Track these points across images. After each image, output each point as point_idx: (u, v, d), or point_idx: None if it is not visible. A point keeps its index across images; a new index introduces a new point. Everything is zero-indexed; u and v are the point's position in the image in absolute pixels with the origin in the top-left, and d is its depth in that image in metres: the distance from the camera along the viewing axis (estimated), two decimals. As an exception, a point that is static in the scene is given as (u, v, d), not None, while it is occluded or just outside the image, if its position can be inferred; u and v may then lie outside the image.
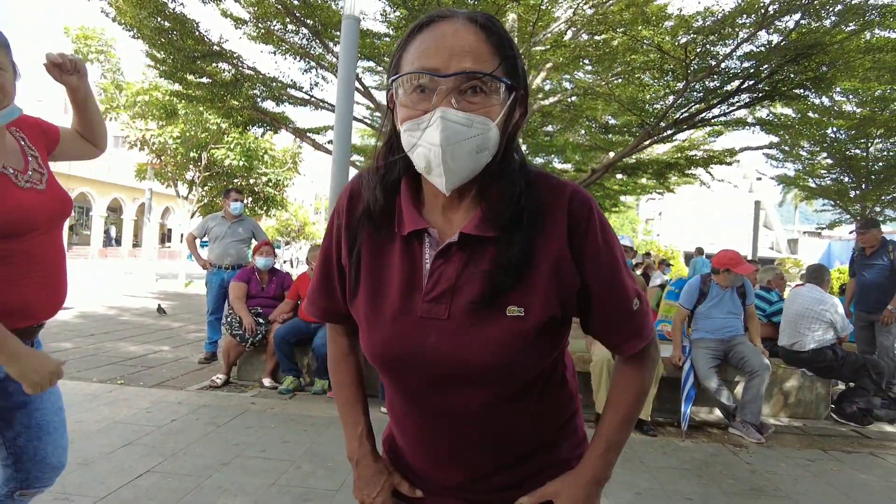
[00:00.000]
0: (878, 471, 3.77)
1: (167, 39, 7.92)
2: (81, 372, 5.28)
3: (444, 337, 0.85)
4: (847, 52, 7.10)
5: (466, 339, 0.84)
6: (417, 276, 0.88)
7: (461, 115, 0.78)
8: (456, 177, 0.82)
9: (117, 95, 15.60)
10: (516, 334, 0.84)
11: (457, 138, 0.78)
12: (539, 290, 0.85)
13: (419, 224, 0.87)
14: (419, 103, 0.81)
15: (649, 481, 3.35)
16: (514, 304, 0.84)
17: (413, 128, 0.81)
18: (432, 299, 0.86)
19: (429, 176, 0.84)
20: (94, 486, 2.82)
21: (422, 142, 0.80)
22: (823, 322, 4.89)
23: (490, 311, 0.84)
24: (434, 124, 0.78)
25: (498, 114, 0.81)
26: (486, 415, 0.91)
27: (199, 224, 6.25)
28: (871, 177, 13.27)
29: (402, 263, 0.89)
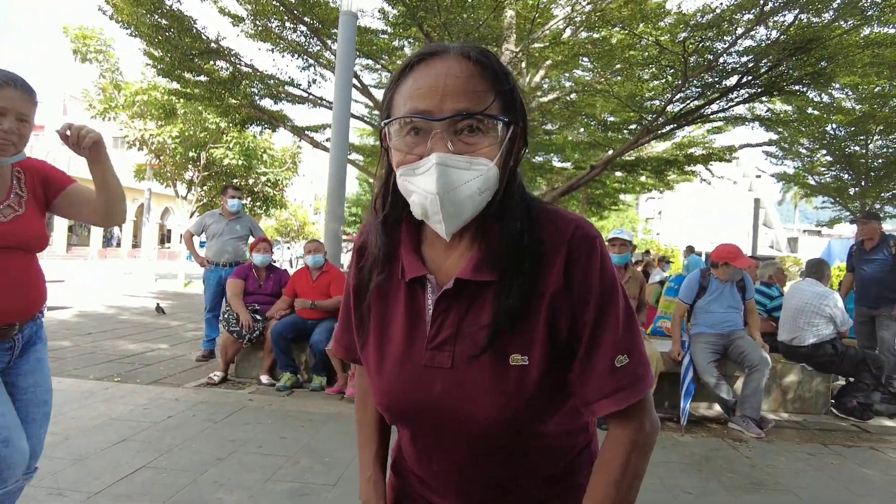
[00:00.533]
0: (879, 465, 3.75)
1: (164, 37, 7.91)
2: (78, 369, 5.26)
3: (448, 387, 0.82)
4: (846, 47, 7.08)
5: (471, 390, 0.81)
6: (421, 322, 0.85)
7: (459, 159, 0.75)
8: (456, 221, 0.78)
9: (116, 95, 15.56)
10: (521, 385, 0.80)
11: (455, 184, 0.75)
12: (540, 336, 0.80)
13: (419, 271, 0.85)
14: (414, 147, 0.78)
15: (648, 476, 3.30)
16: (517, 352, 0.80)
17: (408, 173, 0.78)
18: (435, 347, 0.83)
19: (428, 222, 0.82)
20: (89, 482, 2.80)
21: (417, 188, 0.77)
22: (823, 316, 4.86)
23: (493, 361, 0.80)
24: (430, 171, 0.75)
25: (497, 152, 0.77)
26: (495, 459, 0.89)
27: (196, 221, 6.22)
28: (870, 174, 13.25)
29: (406, 311, 0.87)
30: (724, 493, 3.13)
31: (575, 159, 14.48)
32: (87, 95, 16.00)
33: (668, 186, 15.09)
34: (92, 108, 15.86)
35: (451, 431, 0.85)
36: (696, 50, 7.11)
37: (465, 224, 0.80)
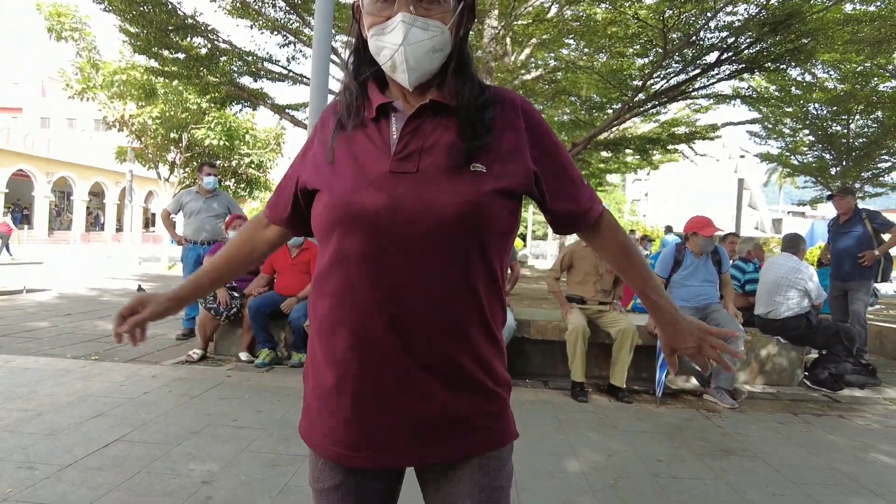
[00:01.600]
0: (846, 431, 3.84)
1: (139, 12, 7.73)
2: (55, 349, 5.22)
3: (412, 187, 0.91)
4: (826, 23, 7.08)
5: (433, 188, 0.91)
6: (386, 144, 0.95)
7: (418, 20, 0.91)
8: (416, 73, 0.94)
9: (94, 75, 15.26)
10: (477, 186, 0.92)
11: (415, 39, 0.91)
12: (498, 157, 0.95)
13: (385, 100, 0.97)
14: (382, 10, 0.93)
15: (622, 444, 3.38)
16: (476, 162, 0.93)
17: (379, 33, 0.94)
18: (402, 158, 0.93)
19: (394, 74, 0.95)
20: (60, 455, 2.79)
21: (387, 44, 0.93)
22: (798, 290, 4.93)
23: (454, 168, 0.92)
24: (396, 28, 0.91)
25: (450, 19, 0.94)
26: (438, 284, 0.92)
27: (173, 200, 6.15)
28: (851, 153, 13.38)
29: (371, 138, 0.97)
30: (694, 460, 3.18)
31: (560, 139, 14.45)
32: (64, 75, 15.68)
33: (654, 166, 15.15)
34: (69, 87, 15.56)
35: (405, 233, 0.90)
36: (675, 25, 7.08)
37: (425, 78, 0.96)
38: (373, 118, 0.98)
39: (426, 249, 0.91)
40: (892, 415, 4.33)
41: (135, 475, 2.61)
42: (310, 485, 1.06)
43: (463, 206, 0.90)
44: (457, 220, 0.90)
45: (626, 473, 2.93)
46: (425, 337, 0.93)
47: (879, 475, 3.07)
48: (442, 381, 0.94)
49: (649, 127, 13.18)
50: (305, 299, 4.89)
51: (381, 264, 0.91)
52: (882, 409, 4.50)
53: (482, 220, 0.92)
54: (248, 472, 2.72)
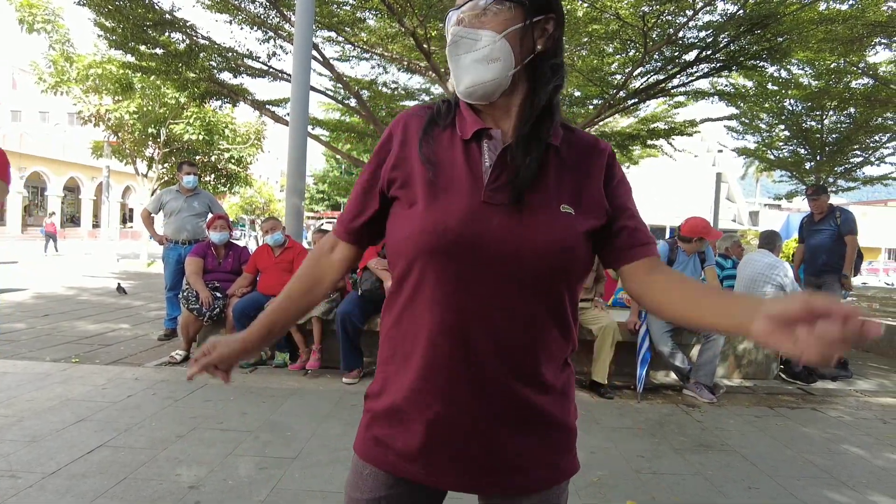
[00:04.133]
0: (819, 424, 3.96)
1: (115, 6, 7.58)
2: (34, 352, 5.14)
3: (506, 220, 0.91)
4: (800, 22, 7.22)
5: (527, 222, 0.91)
6: (479, 171, 0.94)
7: (467, 31, 0.95)
8: (466, 81, 0.95)
9: (68, 68, 14.91)
10: (568, 227, 0.93)
11: (464, 49, 0.95)
12: (584, 201, 0.97)
13: (481, 125, 0.97)
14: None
15: (603, 441, 3.45)
16: (565, 203, 0.95)
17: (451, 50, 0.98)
18: (495, 189, 0.92)
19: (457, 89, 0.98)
20: (43, 463, 2.77)
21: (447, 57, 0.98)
22: (774, 285, 5.06)
23: (546, 205, 0.93)
24: (450, 42, 0.97)
25: (504, 28, 0.94)
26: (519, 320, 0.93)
27: (153, 199, 6.07)
28: (825, 148, 13.63)
29: (464, 161, 0.96)
30: (674, 455, 3.26)
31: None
32: (36, 68, 15.30)
33: (633, 161, 15.27)
34: (42, 81, 15.20)
35: (493, 267, 0.90)
36: (655, 24, 7.16)
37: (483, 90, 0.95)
38: (465, 140, 0.97)
39: (512, 285, 0.91)
40: (862, 406, 4.47)
41: (121, 481, 2.61)
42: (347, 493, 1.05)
43: (557, 246, 0.91)
44: (550, 260, 0.91)
45: (609, 470, 3.00)
46: (502, 372, 0.93)
47: (850, 466, 3.19)
48: (514, 417, 0.95)
49: (629, 122, 13.28)
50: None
51: (463, 295, 0.91)
52: (853, 401, 4.64)
53: (572, 262, 0.94)
54: (236, 475, 2.73)
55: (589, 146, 1.03)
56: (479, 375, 0.92)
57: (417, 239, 0.91)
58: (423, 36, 8.11)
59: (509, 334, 0.92)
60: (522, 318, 0.92)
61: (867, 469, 3.16)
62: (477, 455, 0.95)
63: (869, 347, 6.96)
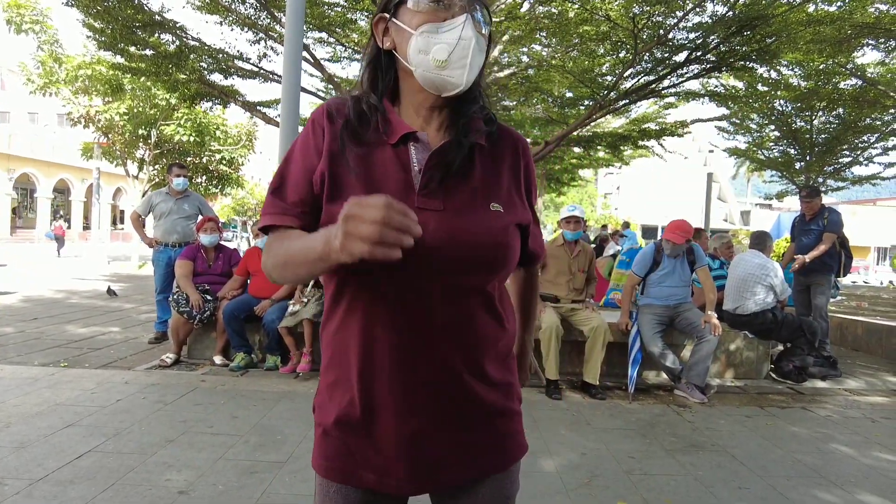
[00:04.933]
0: (808, 423, 3.99)
1: (104, 7, 7.53)
2: (22, 356, 5.09)
3: (441, 224, 0.91)
4: (789, 24, 7.27)
5: (461, 223, 0.93)
6: (409, 176, 0.94)
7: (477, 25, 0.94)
8: (472, 72, 0.94)
9: (56, 69, 14.80)
10: (499, 224, 0.96)
11: (475, 35, 0.93)
12: (511, 195, 1.01)
13: (408, 128, 0.96)
14: (438, 13, 0.93)
15: (595, 442, 3.46)
16: (495, 202, 0.97)
17: (432, 30, 0.92)
18: (427, 194, 0.93)
19: (442, 71, 0.92)
20: (31, 469, 2.74)
21: (444, 41, 0.91)
22: (764, 286, 5.09)
23: (478, 206, 0.96)
24: (464, 24, 0.92)
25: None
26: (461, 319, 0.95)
27: (143, 201, 6.03)
28: (814, 148, 13.75)
29: (392, 166, 0.95)
30: (665, 456, 3.28)
31: (534, 135, 14.54)
32: (24, 69, 15.18)
33: (624, 161, 15.35)
34: (31, 82, 15.08)
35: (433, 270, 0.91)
36: (646, 25, 7.19)
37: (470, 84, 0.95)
38: (392, 144, 0.96)
39: (450, 286, 0.93)
40: (851, 405, 4.51)
41: (109, 487, 2.59)
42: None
43: (491, 246, 0.95)
44: (486, 259, 0.94)
45: (600, 471, 3.01)
46: (447, 372, 0.95)
47: (838, 465, 3.21)
48: (462, 414, 0.98)
49: (620, 122, 13.35)
50: (279, 301, 4.86)
51: (404, 301, 0.92)
52: (842, 399, 4.68)
53: (506, 259, 0.98)
54: (226, 480, 2.72)
55: (511, 141, 1.06)
56: (425, 377, 0.94)
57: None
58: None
59: (452, 334, 0.94)
60: (464, 317, 0.95)
61: (856, 468, 3.19)
62: (430, 455, 0.97)
63: (857, 346, 7.01)
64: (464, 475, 1.00)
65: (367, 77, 1.02)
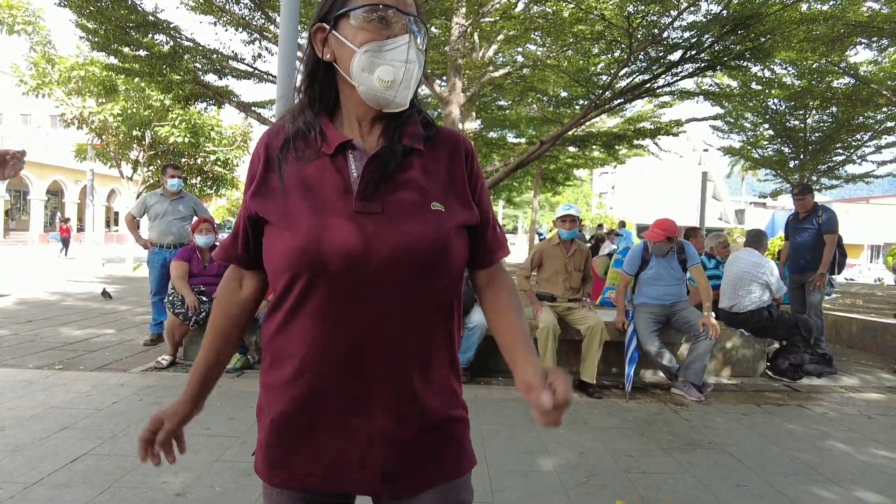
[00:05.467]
0: (804, 420, 4.00)
1: (97, 8, 7.49)
2: (16, 359, 5.06)
3: (380, 227, 0.92)
4: (783, 22, 7.30)
5: (401, 227, 0.92)
6: (347, 183, 0.95)
7: (416, 43, 0.96)
8: (410, 93, 0.96)
9: (49, 70, 14.72)
10: (441, 225, 0.95)
11: (415, 59, 0.94)
12: (451, 196, 1.00)
13: (344, 138, 0.97)
14: (380, 31, 0.93)
15: (592, 441, 3.46)
16: (435, 201, 0.97)
17: (375, 49, 0.93)
18: (365, 197, 0.93)
19: (387, 91, 0.94)
20: (26, 472, 2.72)
21: (388, 61, 0.93)
22: (760, 284, 5.10)
23: (419, 207, 0.95)
24: (406, 46, 0.93)
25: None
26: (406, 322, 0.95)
27: (137, 203, 6.00)
28: (808, 147, 13.82)
29: (330, 175, 0.96)
30: (662, 454, 3.28)
31: (529, 135, 14.55)
32: (17, 70, 15.09)
33: (619, 161, 15.38)
34: (23, 83, 14.99)
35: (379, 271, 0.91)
36: (640, 24, 7.21)
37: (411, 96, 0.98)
38: (330, 154, 0.97)
39: (393, 288, 0.92)
40: (846, 402, 4.53)
41: (105, 490, 2.57)
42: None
43: (431, 245, 0.93)
44: (425, 259, 0.93)
45: (598, 470, 3.01)
46: (389, 373, 0.94)
47: (835, 462, 3.22)
48: (405, 419, 0.96)
49: (615, 122, 13.37)
50: (276, 303, 4.85)
51: (347, 304, 0.92)
52: (838, 397, 4.70)
53: (447, 258, 0.97)
54: (223, 482, 2.71)
55: (451, 143, 1.05)
56: (368, 381, 0.94)
57: (294, 254, 0.91)
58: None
59: (395, 338, 0.94)
60: (406, 320, 0.94)
61: (852, 464, 3.20)
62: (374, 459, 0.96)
63: (852, 344, 7.05)
64: (408, 480, 0.99)
65: (305, 90, 1.03)
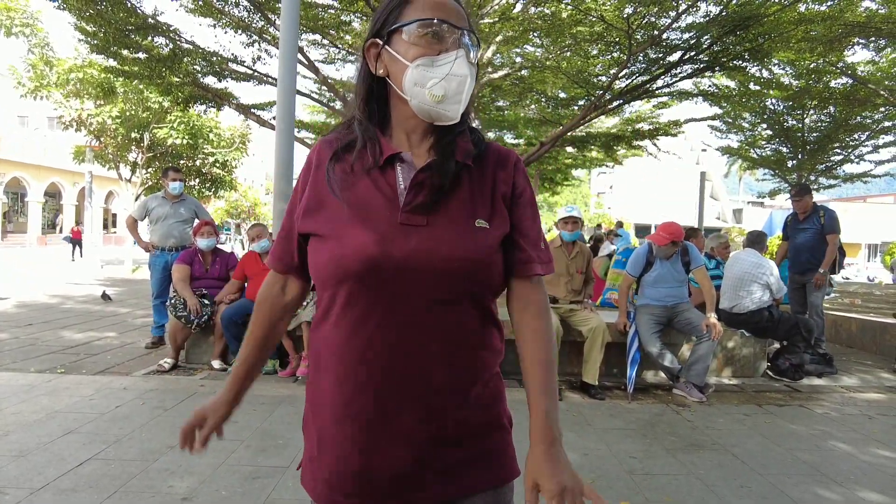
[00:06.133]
0: (806, 420, 4.02)
1: (96, 11, 7.48)
2: (17, 363, 5.05)
3: (424, 240, 0.93)
4: (781, 23, 7.32)
5: (445, 239, 0.94)
6: (394, 194, 0.96)
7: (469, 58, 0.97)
8: (462, 106, 0.97)
9: (47, 72, 14.69)
10: (484, 240, 0.97)
11: (469, 73, 0.95)
12: (496, 213, 1.01)
13: (393, 150, 0.99)
14: (433, 45, 0.95)
15: (596, 442, 3.47)
16: (480, 218, 0.98)
17: (428, 63, 0.94)
18: (411, 210, 0.94)
19: (438, 105, 0.95)
20: (31, 478, 2.72)
21: (440, 75, 0.94)
22: (760, 284, 5.12)
23: (463, 222, 0.96)
24: (459, 59, 0.94)
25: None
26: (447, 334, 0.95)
27: (138, 205, 6.01)
28: (806, 147, 13.85)
29: (378, 186, 0.97)
30: (666, 455, 3.29)
31: (528, 136, 14.57)
32: (14, 72, 15.06)
33: (618, 161, 15.39)
34: (21, 86, 14.97)
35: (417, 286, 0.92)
36: (640, 26, 7.22)
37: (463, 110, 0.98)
38: (379, 166, 0.98)
39: (436, 301, 0.94)
40: (847, 402, 4.54)
41: (111, 495, 2.57)
42: None
43: (472, 261, 0.95)
44: (466, 274, 0.95)
45: (602, 472, 3.02)
46: (434, 385, 0.95)
47: (838, 463, 3.24)
48: (446, 433, 0.97)
49: (613, 122, 13.38)
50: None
51: (388, 315, 0.93)
52: (839, 397, 4.72)
53: (489, 274, 0.98)
54: (229, 485, 2.71)
55: (499, 159, 1.06)
56: (409, 394, 0.94)
57: (339, 264, 0.93)
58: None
59: (436, 350, 0.95)
60: (448, 332, 0.95)
61: (854, 465, 3.21)
62: (411, 473, 0.96)
63: (852, 343, 7.07)
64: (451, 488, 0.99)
65: (362, 103, 1.05)
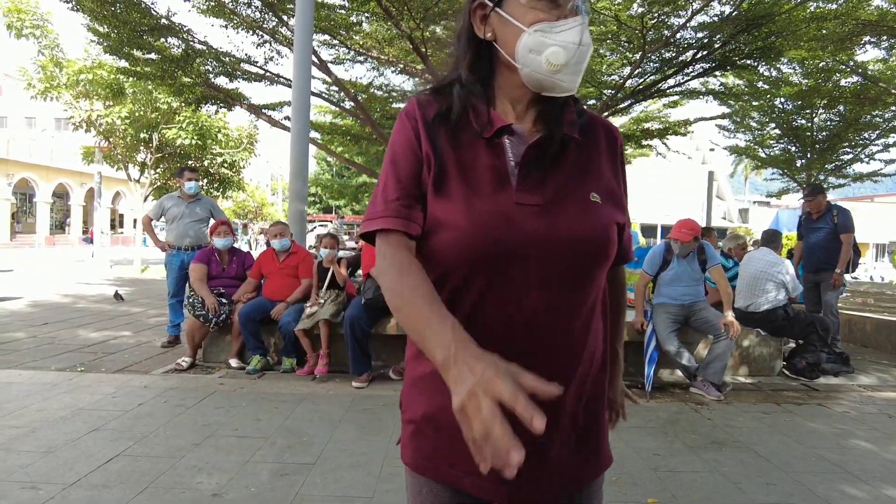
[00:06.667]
0: (825, 419, 4.01)
1: (111, 12, 7.53)
2: (37, 361, 5.09)
3: (542, 220, 0.90)
4: (793, 21, 7.31)
5: (562, 217, 0.91)
6: (505, 171, 0.92)
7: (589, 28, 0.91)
8: (578, 78, 0.91)
9: (57, 74, 14.77)
10: (598, 215, 0.94)
11: (588, 42, 0.90)
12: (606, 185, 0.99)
13: (504, 122, 0.93)
14: (551, 10, 0.88)
15: (617, 440, 3.47)
16: (593, 192, 0.95)
17: (547, 29, 0.88)
18: (525, 188, 0.91)
19: (555, 74, 0.89)
20: (63, 473, 2.75)
21: (560, 41, 0.87)
22: (776, 283, 5.11)
23: (579, 198, 0.93)
24: (579, 27, 0.88)
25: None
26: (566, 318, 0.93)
27: (154, 205, 6.04)
28: (815, 146, 13.79)
29: (488, 160, 0.93)
30: (689, 453, 3.30)
31: (536, 135, 14.54)
32: (25, 74, 15.15)
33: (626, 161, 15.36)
34: (32, 87, 15.05)
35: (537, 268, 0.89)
36: (653, 25, 7.23)
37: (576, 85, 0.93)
38: (488, 137, 0.93)
39: (556, 283, 0.91)
40: (866, 401, 4.53)
41: (143, 490, 2.60)
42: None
43: (595, 237, 0.92)
44: (592, 252, 0.92)
45: (626, 469, 3.03)
46: (560, 367, 0.93)
47: (861, 460, 3.23)
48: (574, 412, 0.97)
49: (621, 121, 13.37)
50: (294, 304, 4.88)
51: (502, 299, 0.90)
52: (857, 395, 4.71)
53: (610, 249, 0.95)
54: (258, 482, 2.73)
55: (605, 131, 1.04)
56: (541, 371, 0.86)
57: (449, 247, 0.89)
58: (419, 39, 8.12)
59: (555, 334, 0.91)
60: (566, 316, 0.92)
61: (878, 463, 3.21)
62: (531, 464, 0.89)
63: (866, 343, 7.05)
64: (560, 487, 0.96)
65: (471, 66, 0.96)
